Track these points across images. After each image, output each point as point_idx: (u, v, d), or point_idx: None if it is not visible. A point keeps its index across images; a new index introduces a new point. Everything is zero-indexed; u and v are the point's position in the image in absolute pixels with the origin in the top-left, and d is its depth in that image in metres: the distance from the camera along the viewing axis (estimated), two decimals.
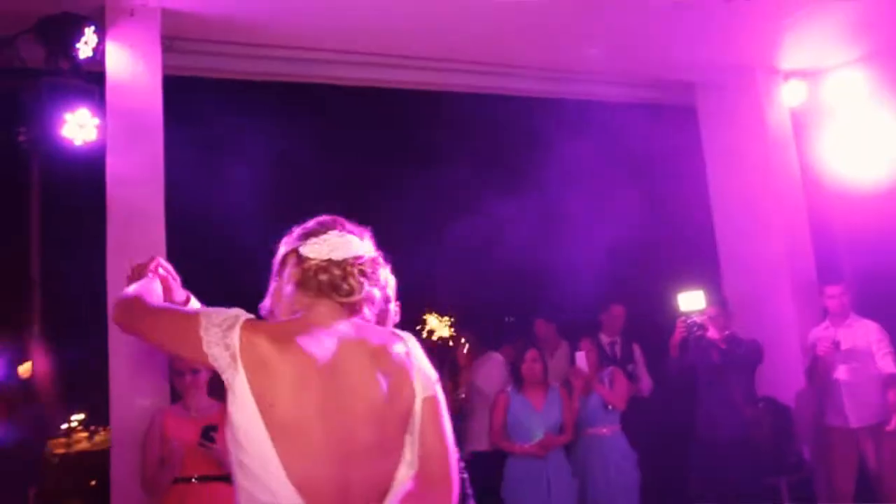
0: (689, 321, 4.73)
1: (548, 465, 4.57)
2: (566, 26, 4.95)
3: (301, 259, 1.63)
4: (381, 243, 1.70)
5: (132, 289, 1.71)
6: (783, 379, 5.37)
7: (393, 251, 1.72)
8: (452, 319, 8.61)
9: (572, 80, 5.85)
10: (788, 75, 5.72)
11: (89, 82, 4.10)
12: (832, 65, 5.63)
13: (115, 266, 3.92)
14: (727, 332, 4.86)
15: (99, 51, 4.11)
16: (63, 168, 4.08)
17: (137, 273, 1.80)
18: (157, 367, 3.83)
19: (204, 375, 3.57)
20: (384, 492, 1.53)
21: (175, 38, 4.43)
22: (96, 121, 4.01)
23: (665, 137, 6.25)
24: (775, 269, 5.57)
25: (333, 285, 1.59)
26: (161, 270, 1.81)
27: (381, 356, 1.56)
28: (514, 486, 4.58)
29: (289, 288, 1.63)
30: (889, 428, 4.85)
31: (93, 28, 4.05)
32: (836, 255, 5.76)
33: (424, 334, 6.82)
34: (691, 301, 4.72)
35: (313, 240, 1.63)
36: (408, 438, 1.56)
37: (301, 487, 1.45)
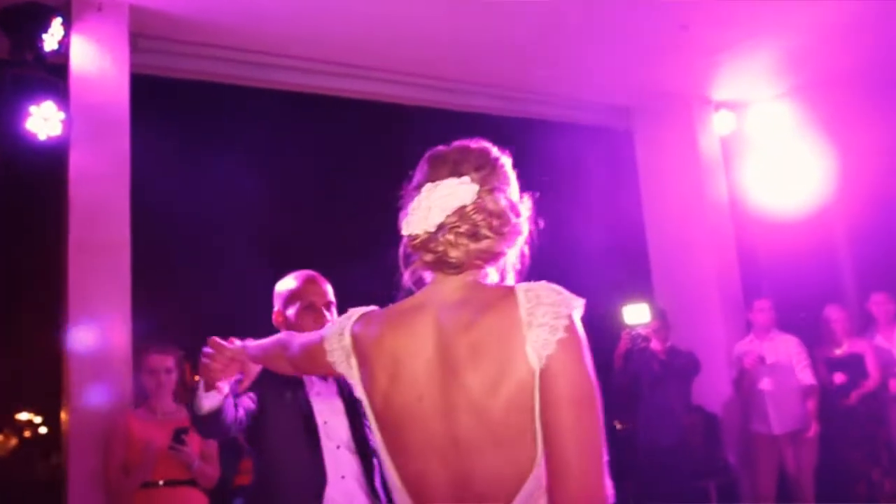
0: (633, 333, 4.99)
1: None
2: (518, 48, 5.17)
3: (405, 240, 1.38)
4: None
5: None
6: (711, 389, 5.72)
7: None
8: None
9: (519, 99, 6.06)
10: (719, 105, 6.13)
11: (53, 75, 4.01)
12: (759, 98, 6.07)
13: (77, 263, 3.84)
14: (668, 344, 5.16)
15: (64, 44, 4.02)
16: (26, 162, 3.96)
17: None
18: (118, 367, 3.75)
19: (175, 377, 3.54)
20: (514, 487, 1.23)
21: (142, 35, 4.38)
22: (61, 115, 3.92)
23: (603, 159, 6.56)
24: (705, 286, 5.93)
25: (439, 262, 1.32)
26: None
27: (473, 329, 1.27)
28: None
29: (406, 275, 1.40)
30: (809, 434, 5.27)
31: (60, 20, 3.97)
32: (759, 275, 6.20)
33: None
34: (636, 314, 4.99)
35: (405, 213, 1.38)
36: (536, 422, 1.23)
37: (407, 483, 1.32)
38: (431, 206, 1.31)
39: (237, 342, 1.79)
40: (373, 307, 1.45)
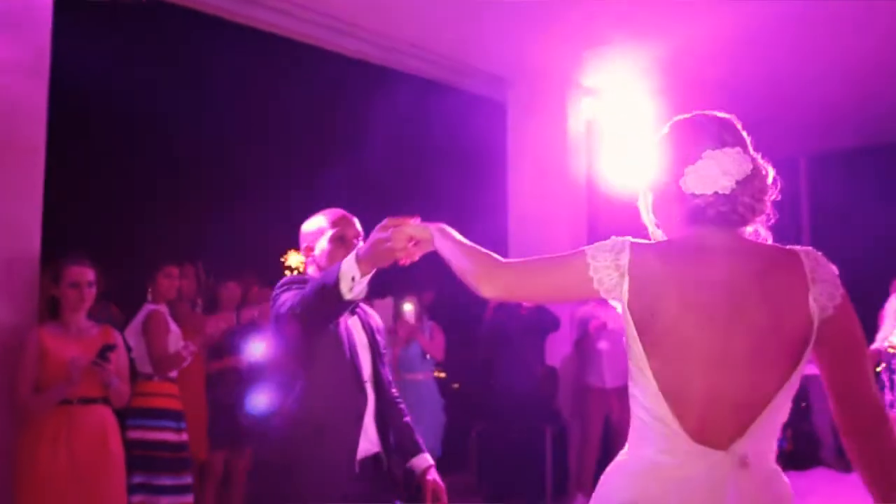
0: None
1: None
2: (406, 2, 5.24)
3: (682, 196, 1.62)
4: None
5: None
6: (551, 346, 6.37)
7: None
8: None
9: (406, 53, 6.13)
10: (588, 91, 6.73)
11: None
12: (625, 90, 6.69)
13: None
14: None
15: None
16: None
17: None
18: (26, 277, 3.59)
19: (94, 291, 3.46)
20: (758, 409, 1.52)
21: None
22: None
23: (478, 126, 6.98)
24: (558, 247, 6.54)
25: (724, 218, 1.60)
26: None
27: (769, 274, 1.56)
28: None
29: (674, 223, 1.68)
30: None
31: None
32: None
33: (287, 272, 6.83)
34: None
35: (692, 169, 1.61)
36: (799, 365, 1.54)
37: (668, 394, 1.53)
38: (723, 171, 1.59)
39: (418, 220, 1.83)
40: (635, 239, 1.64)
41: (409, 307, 5.42)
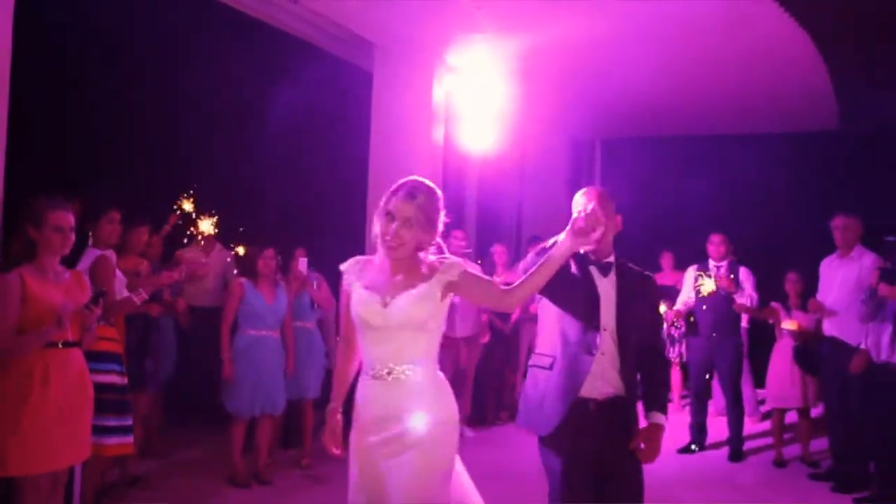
0: None
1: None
2: None
3: None
4: None
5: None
6: None
7: None
8: None
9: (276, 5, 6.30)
10: (450, 67, 7.34)
11: None
12: (485, 69, 7.40)
13: None
14: None
15: None
16: None
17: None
18: None
19: (73, 237, 3.48)
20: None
21: None
22: None
23: (344, 90, 7.32)
24: None
25: None
26: None
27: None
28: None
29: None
30: (482, 340, 6.95)
31: None
32: (460, 210, 7.69)
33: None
34: None
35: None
36: None
37: None
38: None
39: None
40: None
41: (303, 259, 5.76)
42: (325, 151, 7.88)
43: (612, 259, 3.16)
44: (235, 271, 5.96)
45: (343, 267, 2.79)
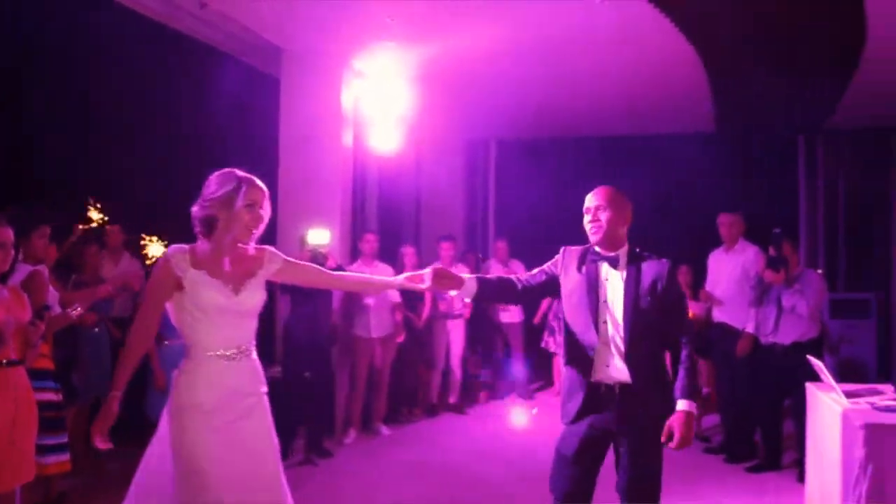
0: (315, 251, 6.06)
1: None
2: None
3: None
4: None
5: None
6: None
7: None
8: None
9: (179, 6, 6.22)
10: (358, 72, 7.47)
11: None
12: (390, 75, 7.59)
13: None
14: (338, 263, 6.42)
15: None
16: None
17: None
18: None
19: (13, 252, 3.42)
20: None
21: None
22: None
23: (250, 95, 7.31)
24: (327, 217, 7.18)
25: None
26: None
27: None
28: None
29: None
30: (398, 339, 7.15)
31: None
32: (368, 212, 7.84)
33: None
34: (318, 237, 6.09)
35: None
36: None
37: None
38: None
39: None
40: None
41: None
42: (230, 157, 7.82)
43: (620, 251, 3.29)
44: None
45: (170, 254, 2.89)
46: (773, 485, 5.60)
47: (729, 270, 6.38)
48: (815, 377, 5.22)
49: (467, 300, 3.27)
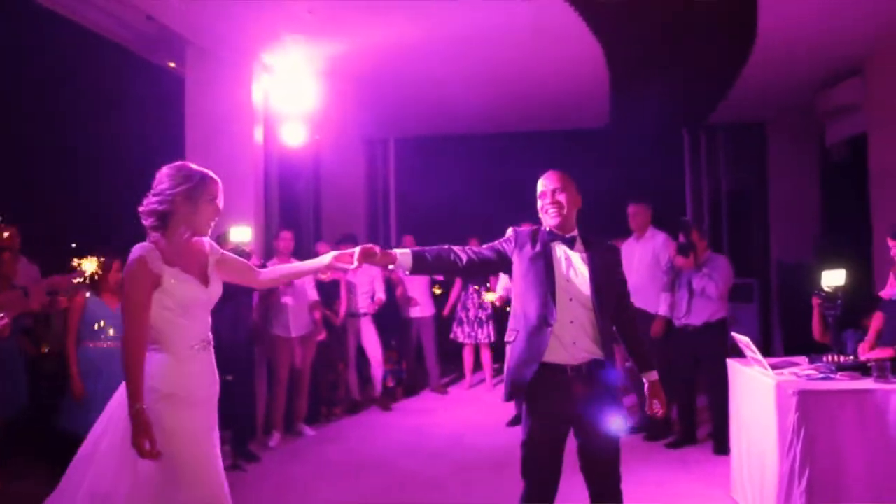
0: (238, 249, 5.84)
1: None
2: None
3: None
4: None
5: None
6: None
7: None
8: None
9: None
10: (267, 67, 7.30)
11: None
12: (301, 70, 7.45)
13: None
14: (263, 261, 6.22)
15: None
16: None
17: None
18: None
19: None
20: None
21: None
22: None
23: (148, 91, 7.00)
24: (245, 217, 6.97)
25: None
26: None
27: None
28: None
29: None
30: (318, 338, 7.04)
31: None
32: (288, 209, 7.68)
33: None
34: (240, 234, 5.88)
35: None
36: None
37: None
38: None
39: None
40: None
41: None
42: (129, 155, 7.47)
43: (575, 233, 3.42)
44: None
45: (144, 253, 2.82)
46: (693, 458, 5.93)
47: (639, 257, 6.69)
48: (723, 354, 5.59)
49: (407, 273, 3.27)
